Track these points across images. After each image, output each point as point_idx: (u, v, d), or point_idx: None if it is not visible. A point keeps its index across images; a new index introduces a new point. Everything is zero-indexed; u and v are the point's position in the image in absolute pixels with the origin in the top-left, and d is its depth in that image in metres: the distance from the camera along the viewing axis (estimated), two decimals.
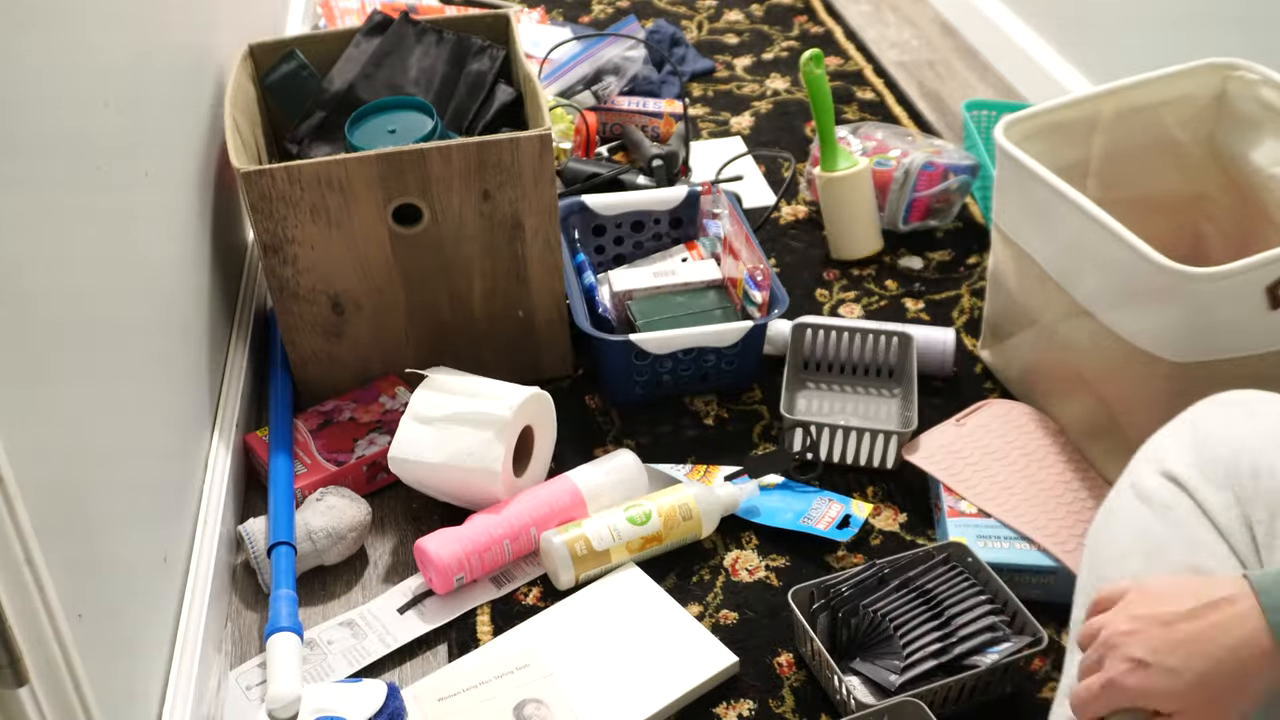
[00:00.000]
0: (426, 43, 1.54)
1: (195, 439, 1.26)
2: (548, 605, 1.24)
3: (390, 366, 1.45)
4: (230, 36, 1.59)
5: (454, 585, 1.22)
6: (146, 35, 1.25)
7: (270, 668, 1.10)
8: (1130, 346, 1.21)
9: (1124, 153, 1.38)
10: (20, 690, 0.77)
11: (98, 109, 1.06)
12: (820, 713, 1.13)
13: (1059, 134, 1.36)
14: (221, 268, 1.44)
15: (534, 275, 1.41)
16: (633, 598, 1.22)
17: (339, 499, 1.28)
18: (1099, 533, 0.94)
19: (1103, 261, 1.21)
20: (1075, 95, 1.37)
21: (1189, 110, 1.37)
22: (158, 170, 1.22)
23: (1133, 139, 1.38)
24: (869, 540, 1.30)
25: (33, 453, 0.81)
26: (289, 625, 1.14)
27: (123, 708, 0.95)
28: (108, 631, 0.93)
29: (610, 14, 2.44)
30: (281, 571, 1.20)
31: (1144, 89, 1.37)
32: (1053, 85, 1.99)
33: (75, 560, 0.87)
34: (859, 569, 1.18)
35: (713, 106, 2.11)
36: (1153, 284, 1.15)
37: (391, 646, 1.19)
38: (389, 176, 1.30)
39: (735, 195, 1.63)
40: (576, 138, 1.82)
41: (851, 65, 2.23)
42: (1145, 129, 1.38)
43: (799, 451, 1.34)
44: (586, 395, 1.49)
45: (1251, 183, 1.34)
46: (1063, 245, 1.28)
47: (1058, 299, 1.31)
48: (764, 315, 1.43)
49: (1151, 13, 1.78)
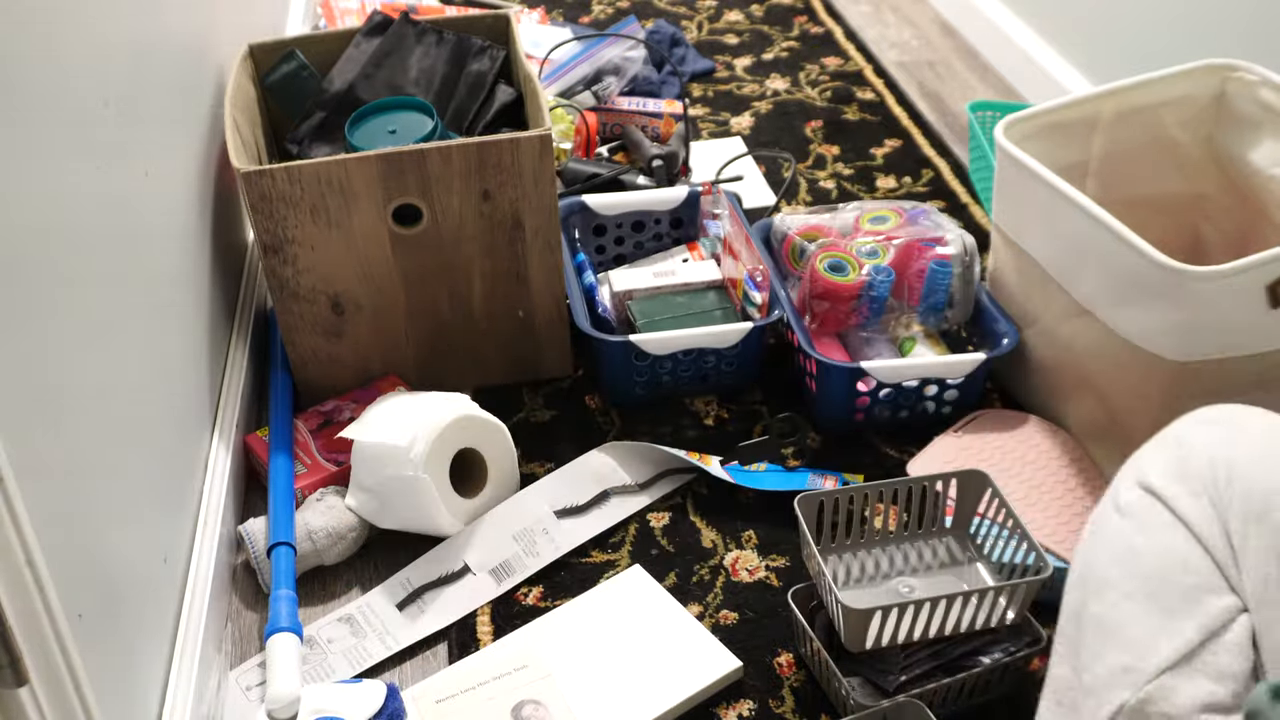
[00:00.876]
0: (426, 43, 1.54)
1: (195, 439, 1.26)
2: (548, 605, 1.24)
3: (390, 366, 1.45)
4: (230, 36, 1.59)
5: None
6: (147, 35, 1.25)
7: (270, 668, 1.10)
8: (1131, 346, 1.21)
9: (1124, 153, 1.38)
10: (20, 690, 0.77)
11: (98, 109, 1.06)
12: (820, 713, 1.13)
13: (1059, 134, 1.36)
14: (221, 268, 1.44)
15: (534, 275, 1.41)
16: (637, 599, 1.22)
17: (339, 499, 1.28)
18: (1082, 545, 0.96)
19: (1104, 261, 1.21)
20: (1075, 96, 1.37)
21: (1189, 111, 1.37)
22: (158, 170, 1.22)
23: (1132, 139, 1.38)
24: None
25: (33, 453, 0.81)
26: (289, 626, 1.14)
27: (123, 708, 0.95)
28: (108, 631, 0.93)
29: (610, 14, 2.43)
30: (281, 572, 1.20)
31: (1144, 89, 1.37)
32: (1053, 85, 1.99)
33: (75, 560, 0.87)
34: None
35: (713, 107, 2.11)
36: (1154, 283, 1.15)
37: (393, 649, 1.19)
38: (389, 176, 1.30)
39: (735, 195, 1.63)
40: (577, 138, 1.82)
41: (851, 65, 2.23)
42: (1145, 129, 1.38)
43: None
44: (586, 395, 1.49)
45: (1251, 183, 1.35)
46: (1063, 245, 1.28)
47: (1058, 299, 1.31)
48: (764, 316, 1.43)
49: (1151, 13, 1.78)
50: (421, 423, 1.24)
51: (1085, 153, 1.37)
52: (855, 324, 1.42)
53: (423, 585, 1.25)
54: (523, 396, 1.50)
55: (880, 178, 1.91)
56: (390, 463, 1.24)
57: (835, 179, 1.91)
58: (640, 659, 1.16)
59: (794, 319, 1.41)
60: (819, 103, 2.11)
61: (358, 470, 1.28)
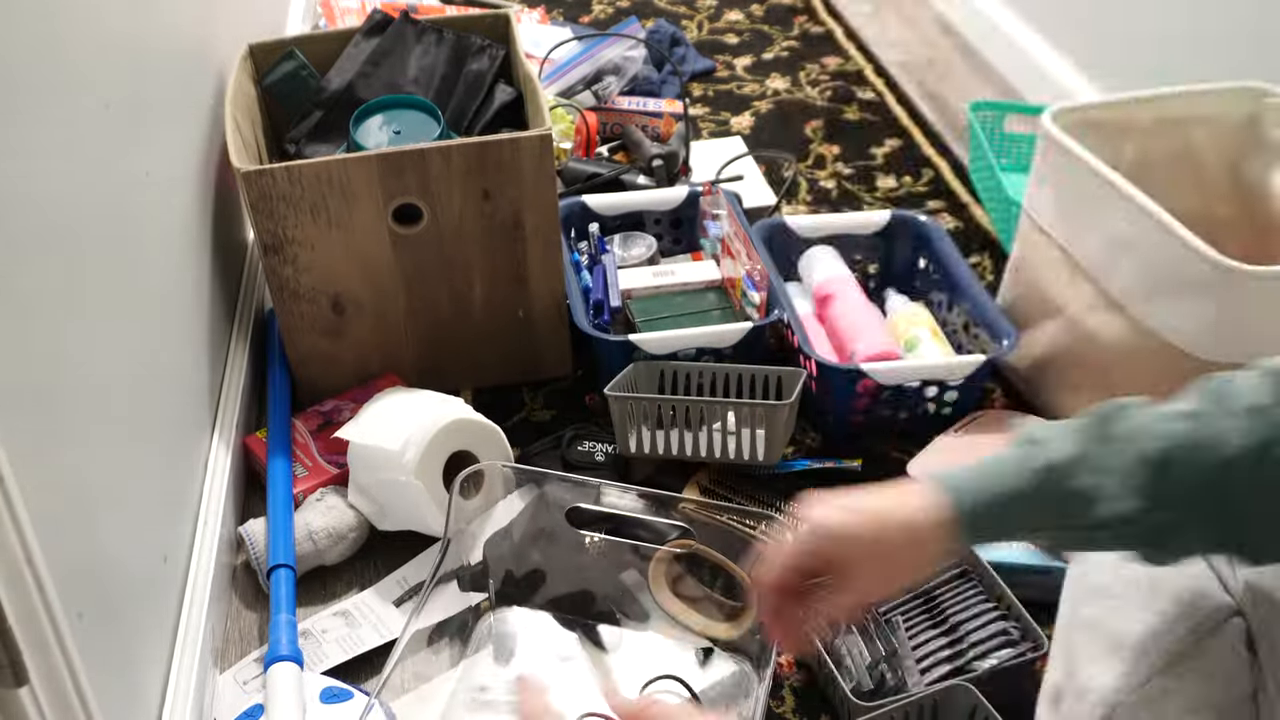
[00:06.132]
0: (426, 42, 1.54)
1: (195, 439, 1.26)
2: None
3: (390, 366, 1.45)
4: (230, 36, 1.59)
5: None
6: (147, 35, 1.25)
7: (269, 699, 1.09)
8: (1161, 341, 1.21)
9: (1150, 164, 1.38)
10: (20, 690, 0.77)
11: (98, 109, 1.06)
12: (820, 713, 1.13)
13: (1096, 133, 1.36)
14: (221, 268, 1.44)
15: (534, 275, 1.41)
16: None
17: (340, 499, 1.28)
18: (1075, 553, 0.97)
19: (1146, 255, 1.21)
20: (1118, 96, 1.37)
21: (1219, 130, 1.37)
22: (158, 170, 1.22)
23: (1162, 151, 1.38)
24: None
25: (33, 453, 0.81)
26: (289, 654, 1.12)
27: (123, 708, 0.95)
28: (108, 631, 0.93)
29: (610, 14, 2.43)
30: (282, 597, 1.19)
31: (1180, 101, 1.37)
32: (1053, 85, 1.99)
33: (75, 560, 0.87)
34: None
35: (713, 106, 2.11)
36: (1199, 279, 1.15)
37: (387, 637, 1.19)
38: (389, 176, 1.30)
39: (735, 195, 1.63)
40: (577, 138, 1.82)
41: (851, 65, 2.23)
42: (1175, 143, 1.38)
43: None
44: (586, 395, 1.49)
45: (1269, 211, 1.34)
46: (1102, 236, 1.28)
47: (1087, 291, 1.31)
48: (762, 316, 1.43)
49: (1151, 13, 1.78)
50: (415, 426, 1.24)
51: (1116, 157, 1.37)
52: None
53: (419, 583, 1.25)
54: (522, 396, 1.50)
55: (880, 177, 1.91)
56: (384, 466, 1.24)
57: (835, 179, 1.91)
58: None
59: (793, 319, 1.41)
60: (819, 102, 2.11)
61: (355, 470, 1.28)
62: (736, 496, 1.30)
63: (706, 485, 1.32)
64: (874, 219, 1.60)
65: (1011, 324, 1.39)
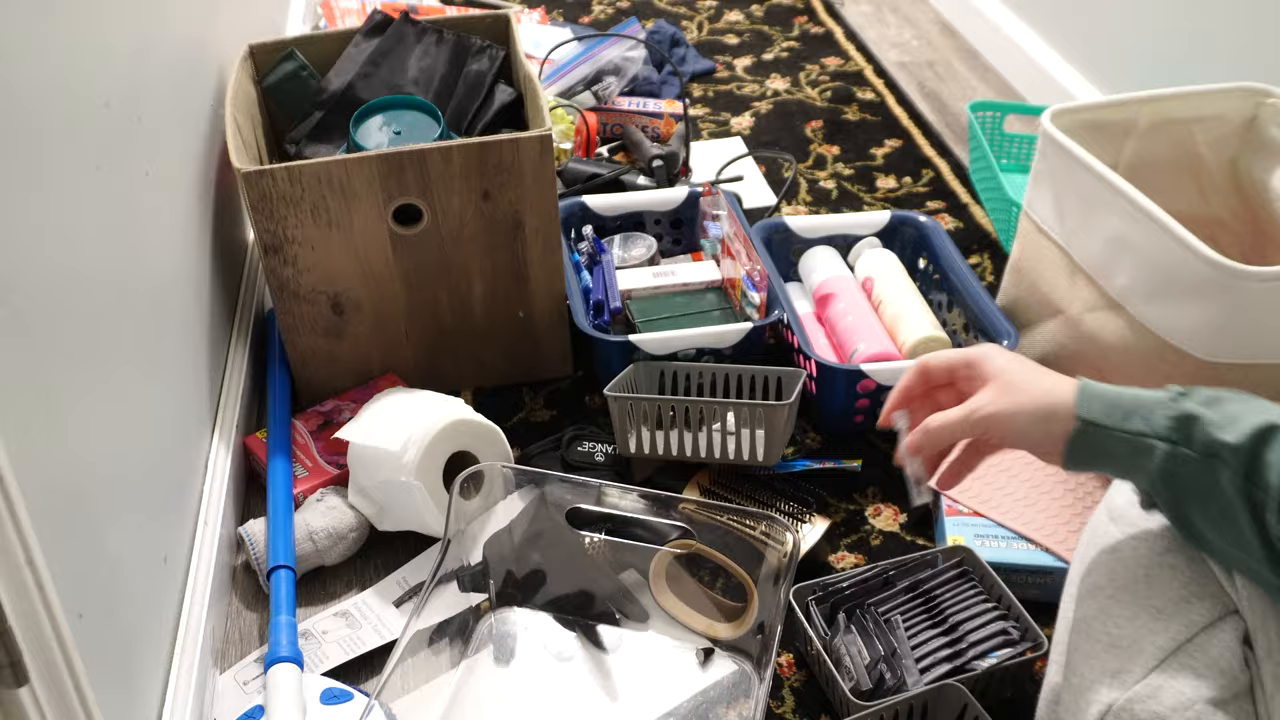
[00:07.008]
0: (426, 42, 1.54)
1: (195, 439, 1.26)
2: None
3: (390, 366, 1.45)
4: (230, 36, 1.59)
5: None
6: (147, 35, 1.25)
7: (269, 700, 1.09)
8: (1160, 342, 1.21)
9: (1150, 164, 1.38)
10: (20, 690, 0.77)
11: (98, 109, 1.06)
12: (820, 713, 1.13)
13: (1095, 133, 1.36)
14: (221, 268, 1.44)
15: (534, 275, 1.41)
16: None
17: (340, 499, 1.28)
18: (1077, 550, 0.97)
19: (1146, 255, 1.21)
20: (1118, 96, 1.37)
21: (1219, 130, 1.37)
22: (158, 170, 1.22)
23: (1161, 151, 1.38)
24: (869, 541, 1.30)
25: (33, 453, 0.81)
26: (289, 655, 1.12)
27: (123, 708, 0.95)
28: (108, 631, 0.93)
29: (610, 14, 2.44)
30: (282, 597, 1.19)
31: (1180, 102, 1.36)
32: (1053, 86, 1.99)
33: (75, 560, 0.87)
34: (860, 570, 1.18)
35: (713, 107, 2.11)
36: (1199, 280, 1.15)
37: (387, 637, 1.19)
38: (389, 176, 1.30)
39: (735, 196, 1.63)
40: (577, 138, 1.82)
41: (851, 65, 2.23)
42: (1174, 144, 1.38)
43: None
44: (586, 395, 1.49)
45: (1269, 211, 1.34)
46: (1102, 236, 1.27)
47: (1087, 291, 1.31)
48: (762, 317, 1.43)
49: (1151, 14, 1.78)
50: (414, 427, 1.24)
51: (1115, 157, 1.37)
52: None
53: (419, 583, 1.25)
54: (523, 396, 1.50)
55: (880, 178, 1.91)
56: (384, 467, 1.24)
57: (835, 179, 1.91)
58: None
59: (793, 319, 1.41)
60: (819, 103, 2.12)
61: (355, 471, 1.28)
62: (736, 497, 1.30)
63: (706, 486, 1.32)
64: (874, 219, 1.60)
65: (1011, 324, 1.39)
